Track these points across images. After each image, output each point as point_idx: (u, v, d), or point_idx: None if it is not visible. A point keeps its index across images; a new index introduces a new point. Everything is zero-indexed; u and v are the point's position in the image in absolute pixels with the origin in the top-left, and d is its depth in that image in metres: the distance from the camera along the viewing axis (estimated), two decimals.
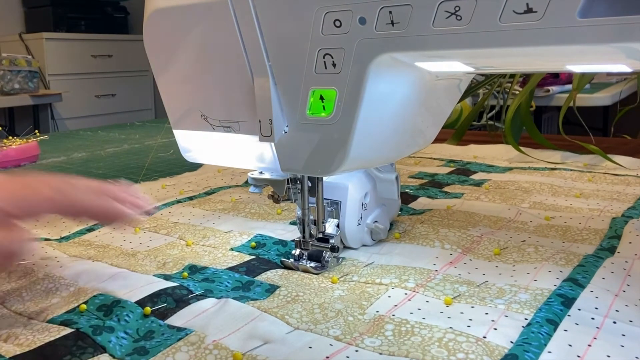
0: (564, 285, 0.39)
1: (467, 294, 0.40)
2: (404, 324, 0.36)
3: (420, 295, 0.40)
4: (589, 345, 0.33)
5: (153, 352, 0.34)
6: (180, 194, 0.69)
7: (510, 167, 0.78)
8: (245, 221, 0.57)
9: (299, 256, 0.45)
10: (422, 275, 0.43)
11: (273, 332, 0.35)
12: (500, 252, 0.47)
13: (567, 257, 0.44)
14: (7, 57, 2.62)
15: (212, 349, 0.33)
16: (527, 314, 0.36)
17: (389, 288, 0.41)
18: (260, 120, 0.38)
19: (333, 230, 0.46)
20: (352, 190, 0.47)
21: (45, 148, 1.03)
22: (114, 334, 0.35)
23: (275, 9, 0.36)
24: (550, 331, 0.34)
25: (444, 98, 0.43)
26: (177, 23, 0.41)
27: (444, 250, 0.47)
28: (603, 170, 0.74)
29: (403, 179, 0.73)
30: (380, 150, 0.39)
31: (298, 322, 0.37)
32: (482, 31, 0.29)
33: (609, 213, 0.56)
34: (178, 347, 0.34)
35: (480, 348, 0.32)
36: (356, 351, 0.33)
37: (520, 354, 0.31)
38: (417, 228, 0.52)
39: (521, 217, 0.55)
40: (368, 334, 0.35)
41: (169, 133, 0.55)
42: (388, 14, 0.32)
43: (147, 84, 3.48)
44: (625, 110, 1.02)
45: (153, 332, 0.36)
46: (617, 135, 1.32)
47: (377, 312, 0.38)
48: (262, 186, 0.44)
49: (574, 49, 0.28)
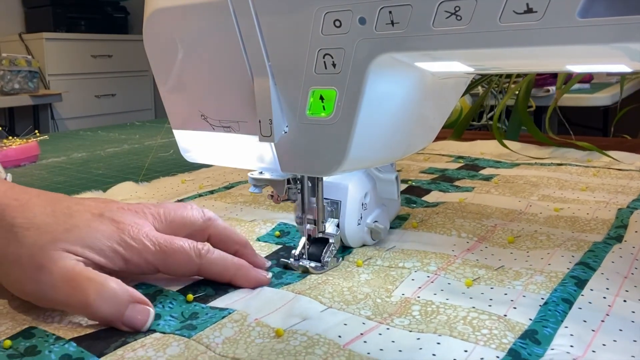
0: (577, 268, 0.42)
1: (486, 277, 0.42)
2: (429, 305, 0.38)
3: (442, 278, 0.42)
4: (602, 320, 0.35)
5: (201, 327, 0.36)
6: (200, 189, 0.70)
7: (518, 162, 0.80)
8: (267, 212, 0.59)
9: (298, 256, 0.45)
10: (443, 260, 0.45)
11: (309, 309, 0.37)
12: (514, 240, 0.49)
13: (577, 244, 0.47)
14: (7, 57, 2.62)
15: (254, 326, 0.36)
16: (544, 294, 0.38)
17: (412, 271, 0.43)
18: (260, 120, 0.38)
19: (333, 230, 0.46)
20: (352, 190, 0.47)
21: (45, 148, 1.03)
22: (161, 319, 0.37)
23: (275, 9, 0.36)
24: (565, 309, 0.37)
25: (444, 98, 0.43)
26: (177, 23, 0.41)
27: (460, 239, 0.50)
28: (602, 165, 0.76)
29: (414, 175, 0.75)
30: (380, 150, 0.40)
31: (331, 301, 0.39)
32: (482, 31, 0.29)
33: (615, 205, 0.58)
34: (223, 323, 0.36)
35: (502, 324, 0.35)
36: (387, 329, 0.35)
37: (539, 329, 0.34)
38: (433, 218, 0.55)
39: (531, 209, 0.58)
40: (396, 314, 0.37)
41: (169, 133, 0.56)
42: (388, 14, 0.32)
43: (147, 84, 3.49)
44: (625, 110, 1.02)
45: (197, 313, 0.38)
46: (617, 135, 1.33)
47: (402, 295, 0.40)
48: (262, 186, 0.44)
49: (574, 49, 0.28)
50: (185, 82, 0.43)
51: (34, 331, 0.35)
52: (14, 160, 0.89)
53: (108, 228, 0.39)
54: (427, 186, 0.68)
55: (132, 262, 0.39)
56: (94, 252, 0.37)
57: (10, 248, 0.37)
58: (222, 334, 0.35)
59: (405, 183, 0.69)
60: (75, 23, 3.15)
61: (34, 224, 0.37)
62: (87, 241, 0.37)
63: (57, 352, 0.33)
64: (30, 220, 0.37)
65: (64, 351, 0.33)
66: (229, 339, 0.34)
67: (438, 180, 0.72)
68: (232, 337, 0.35)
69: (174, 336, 0.35)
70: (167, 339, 0.34)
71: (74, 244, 0.37)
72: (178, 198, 0.66)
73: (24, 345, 0.34)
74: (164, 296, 0.40)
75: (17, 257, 0.36)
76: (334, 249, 0.45)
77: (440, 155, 0.88)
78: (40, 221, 0.37)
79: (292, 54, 0.36)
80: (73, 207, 0.39)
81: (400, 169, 0.79)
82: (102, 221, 0.39)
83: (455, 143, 0.95)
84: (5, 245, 0.37)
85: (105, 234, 0.38)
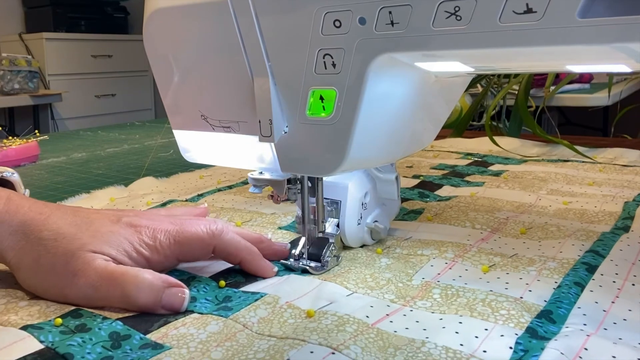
0: (587, 255, 0.44)
1: (501, 263, 0.44)
2: (449, 289, 0.40)
3: (460, 265, 0.44)
4: (613, 302, 0.38)
5: (236, 309, 0.38)
6: (219, 184, 0.73)
7: (526, 159, 0.83)
8: (286, 206, 0.60)
9: (298, 256, 0.45)
10: (459, 248, 0.47)
11: (336, 294, 0.40)
12: (526, 232, 0.51)
13: (586, 234, 0.49)
14: (7, 57, 2.62)
15: (286, 308, 0.38)
16: (557, 278, 0.41)
17: (430, 258, 0.46)
18: (260, 120, 0.38)
19: (333, 229, 0.46)
20: (352, 189, 0.47)
21: (45, 148, 1.03)
22: (197, 302, 0.39)
23: (275, 9, 0.36)
24: (578, 292, 0.39)
25: (444, 98, 0.43)
26: (177, 23, 0.41)
27: (474, 230, 0.52)
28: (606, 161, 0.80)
29: (424, 171, 0.77)
30: (380, 150, 0.40)
31: (355, 287, 0.41)
32: (482, 31, 0.29)
33: (621, 198, 0.61)
34: (257, 305, 0.38)
35: (519, 306, 0.37)
36: (411, 311, 0.37)
37: (554, 310, 0.36)
38: (447, 211, 0.57)
39: (541, 202, 0.60)
40: (418, 297, 0.39)
41: (169, 133, 0.56)
42: (388, 14, 0.32)
43: (147, 84, 3.48)
44: (625, 110, 1.02)
45: (231, 297, 0.40)
46: (617, 135, 1.33)
47: (423, 279, 0.42)
48: (262, 186, 0.44)
49: (574, 49, 0.28)
50: (185, 82, 0.43)
51: (82, 312, 0.38)
52: (14, 160, 0.89)
53: (127, 231, 0.42)
54: (438, 181, 0.70)
55: (153, 260, 0.42)
56: (119, 253, 0.40)
57: (42, 259, 0.39)
58: (257, 314, 0.37)
59: (417, 178, 0.72)
60: (75, 23, 3.15)
61: (60, 234, 0.40)
62: (112, 244, 0.40)
63: (105, 329, 0.36)
64: (56, 231, 0.40)
65: (112, 329, 0.36)
66: (263, 319, 0.37)
67: (449, 175, 0.74)
68: (266, 318, 0.37)
69: (212, 316, 0.37)
70: (206, 319, 0.37)
71: (101, 247, 0.40)
72: (198, 193, 0.68)
73: (74, 324, 0.36)
74: (197, 281, 0.42)
75: (51, 267, 0.39)
76: (334, 249, 0.45)
77: (449, 152, 0.90)
78: (65, 231, 0.40)
79: (292, 53, 0.36)
80: (92, 216, 0.42)
81: (412, 165, 0.81)
82: (121, 226, 0.42)
83: (463, 140, 0.97)
84: (36, 257, 0.39)
85: (126, 236, 0.41)
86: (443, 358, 0.32)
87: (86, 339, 0.34)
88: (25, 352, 0.33)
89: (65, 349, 0.33)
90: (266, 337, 0.34)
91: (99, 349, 0.33)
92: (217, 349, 0.33)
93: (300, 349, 0.33)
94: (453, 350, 0.32)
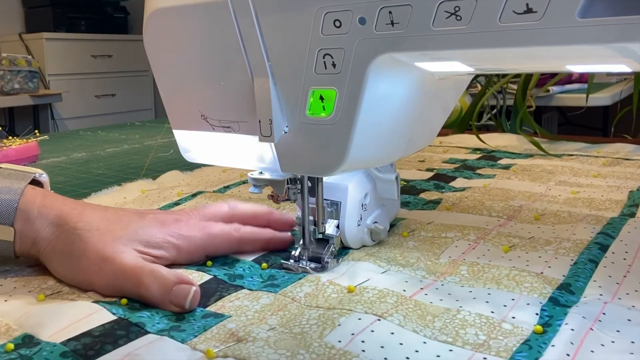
0: (599, 236, 0.48)
1: (520, 244, 0.48)
2: (475, 265, 0.44)
3: (482, 246, 0.48)
4: (624, 276, 0.42)
5: (282, 286, 0.42)
6: (241, 177, 0.76)
7: (532, 154, 0.86)
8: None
9: (298, 257, 0.45)
10: (480, 231, 0.51)
11: (371, 271, 0.43)
12: (540, 218, 0.55)
13: (596, 219, 0.54)
14: (7, 57, 2.61)
15: (328, 285, 0.42)
16: (573, 257, 0.45)
17: (454, 240, 0.50)
18: (260, 120, 0.38)
19: (333, 231, 0.46)
20: (352, 190, 0.47)
21: (45, 148, 1.03)
22: (245, 279, 0.43)
23: (275, 9, 0.36)
24: (592, 268, 0.43)
25: (444, 98, 0.43)
26: (177, 23, 0.41)
27: (491, 217, 0.56)
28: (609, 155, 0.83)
29: (436, 165, 0.81)
30: (380, 151, 0.39)
31: (388, 265, 0.45)
32: (482, 31, 0.29)
33: (626, 188, 0.65)
34: (301, 283, 0.42)
35: (540, 280, 0.41)
36: (442, 285, 0.41)
37: (572, 283, 0.40)
38: (463, 201, 0.61)
39: (551, 192, 0.64)
40: (447, 273, 0.43)
41: (169, 133, 0.56)
42: (388, 14, 0.32)
43: (147, 84, 3.48)
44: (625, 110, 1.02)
45: (275, 276, 0.44)
46: (617, 135, 1.32)
47: (450, 257, 0.46)
48: (262, 186, 0.44)
49: (574, 49, 0.28)
50: (185, 82, 0.43)
51: None
52: (14, 160, 0.88)
53: (156, 225, 0.45)
54: (451, 174, 0.74)
55: (183, 250, 0.45)
56: (149, 245, 0.43)
57: (75, 245, 0.42)
58: (302, 290, 0.41)
59: (431, 171, 0.75)
60: (75, 23, 3.14)
61: (93, 226, 0.43)
62: (143, 237, 0.44)
63: None
64: (90, 223, 0.43)
65: None
66: (309, 294, 0.40)
67: (461, 168, 0.77)
68: (311, 293, 0.41)
69: (262, 292, 0.41)
70: (257, 294, 0.41)
71: (133, 240, 0.43)
72: (224, 185, 0.72)
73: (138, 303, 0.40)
74: (242, 263, 0.46)
75: (83, 252, 0.42)
76: (334, 250, 0.45)
77: (458, 147, 0.94)
78: (98, 224, 0.43)
79: (292, 54, 0.36)
80: (120, 213, 0.46)
81: (423, 159, 0.84)
82: (149, 221, 0.45)
83: (470, 137, 0.99)
84: (70, 243, 0.43)
85: (156, 229, 0.45)
86: (477, 323, 0.36)
87: (153, 313, 0.38)
88: (103, 321, 0.37)
89: (137, 319, 0.37)
90: (314, 307, 0.38)
91: (166, 320, 0.38)
92: (272, 317, 0.37)
93: (348, 316, 0.37)
94: (486, 316, 0.36)
